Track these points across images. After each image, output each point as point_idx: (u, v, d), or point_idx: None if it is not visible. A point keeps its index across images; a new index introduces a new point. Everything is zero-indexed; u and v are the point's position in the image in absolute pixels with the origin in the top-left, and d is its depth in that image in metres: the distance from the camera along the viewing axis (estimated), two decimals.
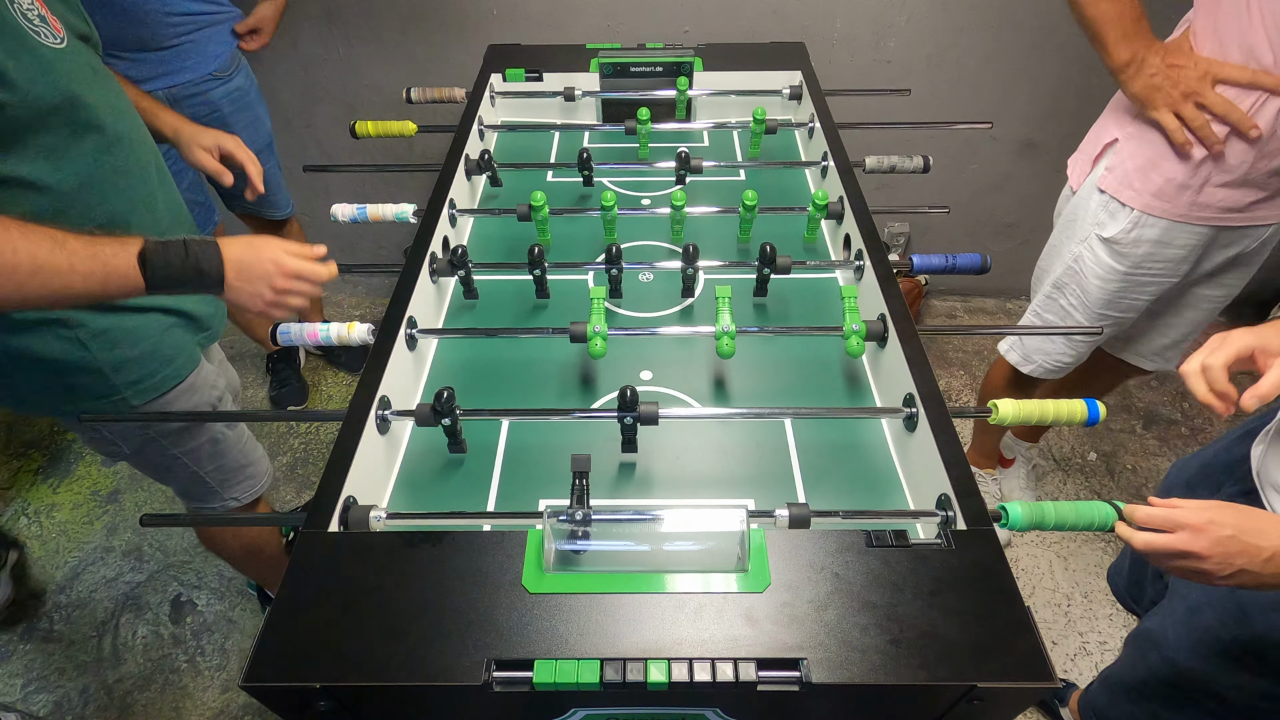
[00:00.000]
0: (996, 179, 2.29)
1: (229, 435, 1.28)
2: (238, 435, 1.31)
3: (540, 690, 0.63)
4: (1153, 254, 1.28)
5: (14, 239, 0.77)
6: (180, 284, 0.88)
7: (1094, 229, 1.32)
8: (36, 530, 2.00)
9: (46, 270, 0.78)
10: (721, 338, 0.99)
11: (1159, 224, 1.24)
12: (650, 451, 0.96)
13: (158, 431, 1.17)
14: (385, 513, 0.81)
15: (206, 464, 1.26)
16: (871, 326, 1.01)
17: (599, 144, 1.58)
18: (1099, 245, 1.32)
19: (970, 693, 0.63)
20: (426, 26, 2.04)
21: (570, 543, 0.72)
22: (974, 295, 2.65)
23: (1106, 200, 1.28)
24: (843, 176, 1.25)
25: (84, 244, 0.81)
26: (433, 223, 1.17)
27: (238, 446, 1.30)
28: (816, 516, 0.79)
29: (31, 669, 1.72)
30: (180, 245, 0.87)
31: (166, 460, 1.22)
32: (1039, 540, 1.92)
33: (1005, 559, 0.71)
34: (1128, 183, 1.25)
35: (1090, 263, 1.35)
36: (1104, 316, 1.40)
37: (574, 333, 1.00)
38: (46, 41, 0.84)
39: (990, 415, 0.87)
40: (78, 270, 0.80)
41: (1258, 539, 0.67)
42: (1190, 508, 0.69)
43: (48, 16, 0.86)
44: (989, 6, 1.91)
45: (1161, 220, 1.24)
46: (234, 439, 1.29)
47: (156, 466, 1.24)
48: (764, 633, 0.65)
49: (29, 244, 0.77)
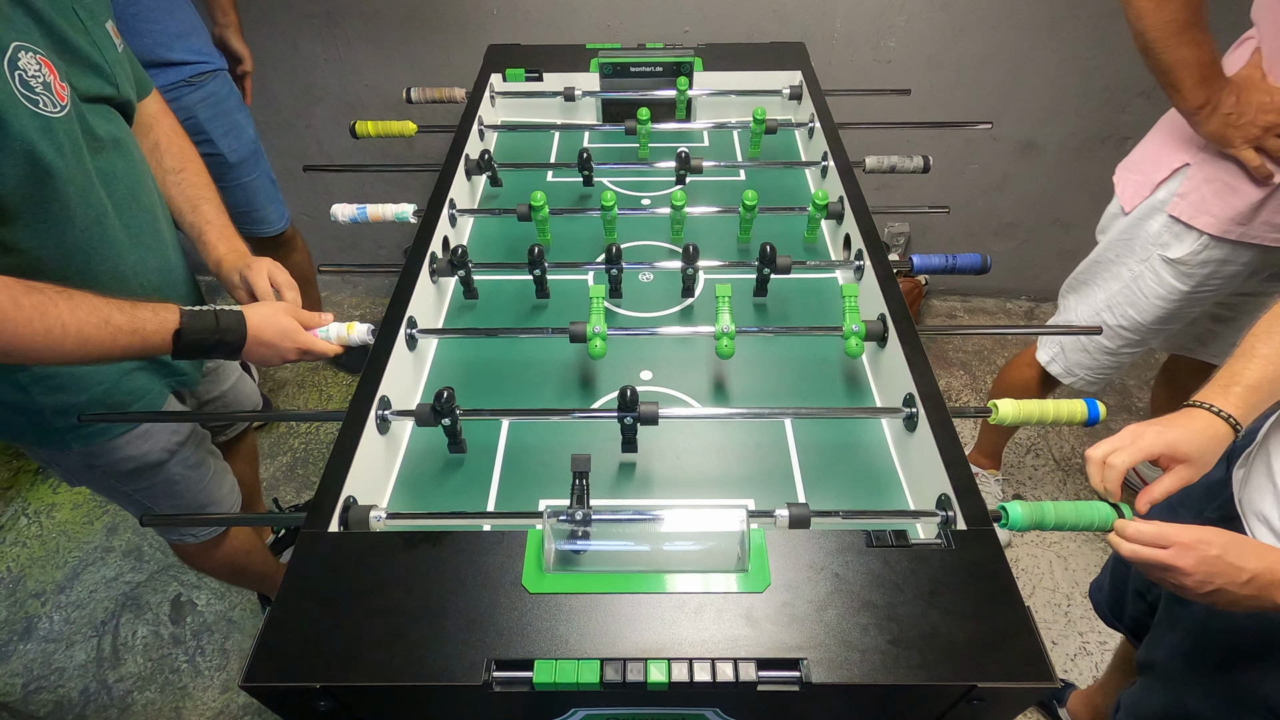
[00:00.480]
0: (996, 179, 2.29)
1: (190, 476, 1.21)
2: (200, 475, 1.23)
3: (540, 690, 0.63)
4: (1216, 272, 1.29)
5: (62, 315, 0.79)
6: (204, 352, 0.91)
7: (1157, 250, 1.31)
8: (36, 530, 2.00)
9: (91, 344, 0.82)
10: (721, 338, 0.99)
11: (1227, 245, 1.24)
12: (650, 451, 0.96)
13: (104, 472, 1.12)
14: (385, 513, 0.81)
15: (160, 502, 1.20)
16: (871, 326, 1.01)
17: (599, 144, 1.58)
18: (1162, 266, 1.32)
19: (970, 693, 0.63)
20: (426, 26, 2.04)
21: (570, 543, 0.72)
22: (974, 295, 2.65)
23: (1172, 223, 1.28)
24: (843, 176, 1.25)
25: (126, 319, 0.84)
26: (433, 223, 1.17)
27: (199, 486, 1.23)
28: (817, 516, 0.79)
29: (31, 669, 1.72)
30: (211, 316, 0.90)
31: (117, 496, 1.18)
32: (1039, 540, 1.92)
33: (1005, 559, 0.71)
34: (1204, 209, 1.23)
35: (1151, 283, 1.35)
36: (1155, 332, 1.41)
37: (574, 333, 1.00)
38: (44, 110, 0.81)
39: (990, 415, 0.87)
40: (119, 343, 0.84)
41: (1240, 561, 0.69)
42: (1182, 527, 0.71)
43: (54, 83, 0.83)
44: (989, 6, 1.91)
45: (1230, 242, 1.24)
46: (195, 480, 1.22)
47: (110, 497, 1.20)
48: (764, 633, 0.65)
49: (76, 320, 0.80)
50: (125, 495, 1.18)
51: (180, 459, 1.18)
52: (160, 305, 0.88)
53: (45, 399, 0.99)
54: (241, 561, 1.46)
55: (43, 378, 0.97)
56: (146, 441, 1.11)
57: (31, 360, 0.79)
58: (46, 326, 0.78)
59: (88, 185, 0.89)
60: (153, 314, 0.86)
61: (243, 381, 1.37)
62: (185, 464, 1.19)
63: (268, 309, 0.97)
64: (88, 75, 0.89)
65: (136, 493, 1.18)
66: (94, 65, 0.90)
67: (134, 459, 1.11)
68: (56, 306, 0.79)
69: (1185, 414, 0.79)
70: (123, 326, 0.83)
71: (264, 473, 2.12)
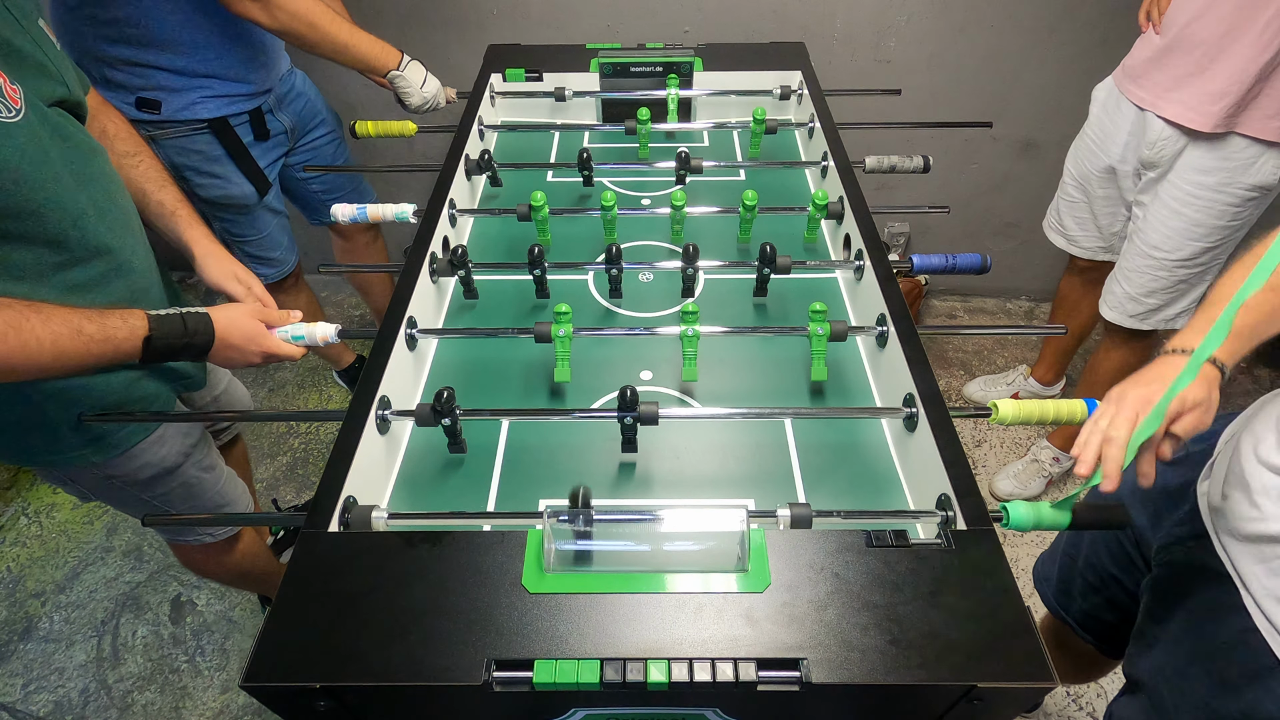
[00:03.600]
0: (996, 179, 2.29)
1: (205, 478, 1.22)
2: (215, 478, 1.24)
3: (540, 690, 0.63)
4: None
5: (36, 329, 0.79)
6: (172, 356, 0.94)
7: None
8: (36, 530, 2.00)
9: (66, 355, 0.83)
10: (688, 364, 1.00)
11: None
12: (650, 451, 0.96)
13: (123, 481, 1.12)
14: (387, 513, 0.81)
15: (179, 506, 1.20)
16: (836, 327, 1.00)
17: (599, 144, 1.58)
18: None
19: (970, 693, 0.63)
20: (426, 26, 2.04)
21: (570, 543, 0.72)
22: (974, 295, 2.65)
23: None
24: (843, 176, 1.25)
25: (97, 327, 0.85)
26: (433, 223, 1.17)
27: (214, 488, 1.24)
28: (817, 516, 0.79)
29: (31, 669, 1.72)
30: (179, 320, 0.93)
31: (136, 505, 1.18)
32: (1039, 540, 1.92)
33: (1005, 559, 0.71)
34: None
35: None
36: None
37: (538, 333, 1.01)
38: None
39: (990, 415, 0.87)
40: (92, 353, 0.85)
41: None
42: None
43: (5, 88, 0.79)
44: (989, 6, 1.91)
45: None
46: (210, 481, 1.23)
47: (127, 507, 1.20)
48: (764, 633, 0.65)
49: (50, 332, 0.81)
50: (145, 505, 1.18)
51: (194, 461, 1.19)
52: (128, 312, 0.90)
53: (59, 414, 0.98)
54: (248, 565, 1.46)
55: (54, 394, 0.96)
56: (162, 446, 1.12)
57: (7, 377, 0.79)
58: (22, 341, 0.78)
59: (59, 190, 0.86)
60: (122, 321, 0.88)
61: (234, 385, 1.38)
62: (199, 466, 1.20)
63: (235, 311, 0.99)
64: (37, 78, 0.85)
65: (155, 499, 1.18)
66: (40, 65, 0.86)
67: (152, 465, 1.12)
68: (29, 321, 0.79)
69: (1163, 362, 0.77)
70: (94, 335, 0.85)
71: (264, 473, 2.12)
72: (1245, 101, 1.32)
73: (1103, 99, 1.60)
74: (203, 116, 1.45)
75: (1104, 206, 1.68)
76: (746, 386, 1.06)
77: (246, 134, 1.52)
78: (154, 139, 1.44)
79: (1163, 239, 1.51)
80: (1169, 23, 1.38)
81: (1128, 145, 1.54)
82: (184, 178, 1.51)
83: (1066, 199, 1.76)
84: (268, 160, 1.60)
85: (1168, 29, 1.38)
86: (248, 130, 1.52)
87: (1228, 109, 1.33)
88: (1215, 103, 1.34)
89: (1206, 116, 1.36)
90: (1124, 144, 1.55)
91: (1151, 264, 1.55)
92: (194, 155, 1.49)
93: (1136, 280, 1.59)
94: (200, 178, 1.52)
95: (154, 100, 1.40)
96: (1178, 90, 1.39)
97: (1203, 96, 1.35)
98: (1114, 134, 1.56)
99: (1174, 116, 1.41)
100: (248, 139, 1.53)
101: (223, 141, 1.49)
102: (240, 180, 1.55)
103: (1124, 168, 1.58)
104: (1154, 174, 1.50)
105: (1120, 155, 1.57)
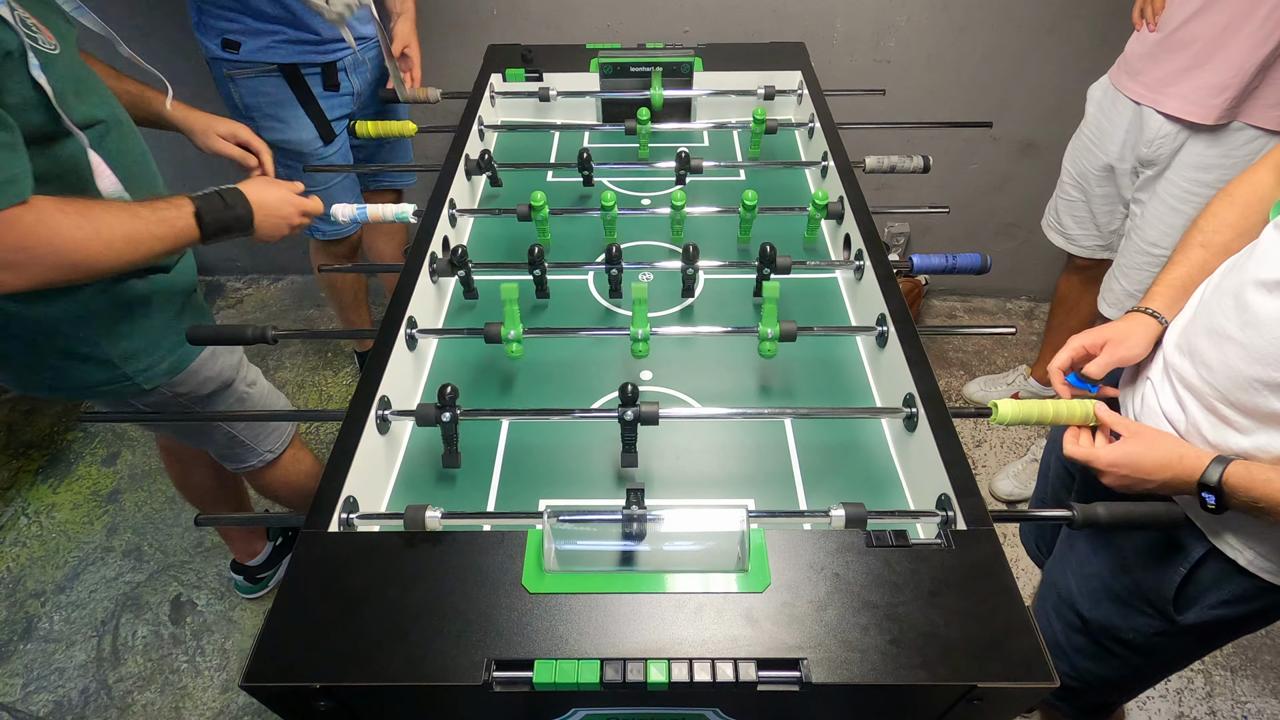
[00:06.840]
0: (996, 179, 2.29)
1: (252, 393, 1.33)
2: (259, 392, 1.36)
3: (540, 690, 0.63)
4: None
5: (104, 215, 0.86)
6: (226, 230, 1.00)
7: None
8: (36, 530, 2.00)
9: (135, 239, 0.89)
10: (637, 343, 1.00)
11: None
12: (650, 452, 0.96)
13: (189, 398, 1.23)
14: (440, 511, 0.79)
15: (237, 423, 1.33)
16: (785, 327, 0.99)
17: (599, 144, 1.58)
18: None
19: (970, 693, 0.63)
20: (426, 26, 2.03)
21: (570, 543, 0.72)
22: (974, 295, 2.65)
23: None
24: (843, 176, 1.25)
25: (150, 210, 0.92)
26: (433, 223, 1.17)
27: (262, 403, 1.36)
28: (816, 517, 0.79)
29: (31, 669, 1.72)
30: (216, 195, 0.99)
31: (197, 425, 1.30)
32: None
33: (1005, 559, 0.71)
34: None
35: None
36: None
37: (488, 334, 1.01)
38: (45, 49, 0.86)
39: (990, 415, 0.87)
40: (155, 234, 0.91)
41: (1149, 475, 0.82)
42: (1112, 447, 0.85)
43: (40, 27, 0.88)
44: (989, 6, 1.91)
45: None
46: (257, 396, 1.34)
47: (189, 432, 1.31)
48: (764, 633, 0.65)
49: (115, 218, 0.87)
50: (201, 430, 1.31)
51: (242, 378, 1.31)
52: (170, 198, 0.96)
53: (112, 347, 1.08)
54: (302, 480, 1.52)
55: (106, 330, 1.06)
56: (216, 361, 1.23)
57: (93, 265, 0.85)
58: (95, 229, 0.84)
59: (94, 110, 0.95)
60: (168, 205, 0.95)
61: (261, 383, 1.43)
62: (246, 381, 1.32)
63: (257, 181, 1.08)
64: (57, 20, 0.92)
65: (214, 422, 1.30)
66: (57, 9, 0.94)
67: (213, 378, 1.23)
68: (94, 209, 0.86)
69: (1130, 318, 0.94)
70: (150, 218, 0.91)
71: None
72: (1246, 93, 1.32)
73: (1099, 97, 1.60)
74: (274, 60, 1.54)
75: (1102, 205, 1.68)
76: (746, 386, 1.06)
77: (316, 85, 1.60)
78: (232, 78, 1.56)
79: (1161, 236, 1.51)
80: (1166, 18, 1.38)
81: (1125, 143, 1.55)
82: (250, 118, 1.60)
83: (1065, 198, 1.76)
84: (334, 115, 1.66)
85: (1164, 25, 1.39)
86: (318, 81, 1.60)
87: (1229, 101, 1.33)
88: (1217, 95, 1.34)
89: (1208, 110, 1.36)
90: (1121, 142, 1.55)
91: (1150, 261, 1.55)
92: (262, 97, 1.58)
93: (1135, 277, 1.59)
94: (265, 120, 1.61)
95: (235, 41, 1.51)
96: (1177, 85, 1.39)
97: (1203, 90, 1.35)
98: (1111, 132, 1.56)
99: (1175, 111, 1.40)
100: (317, 90, 1.61)
101: (292, 86, 1.57)
102: (305, 124, 1.63)
103: (1122, 165, 1.58)
104: (1152, 171, 1.50)
105: (1118, 153, 1.57)
